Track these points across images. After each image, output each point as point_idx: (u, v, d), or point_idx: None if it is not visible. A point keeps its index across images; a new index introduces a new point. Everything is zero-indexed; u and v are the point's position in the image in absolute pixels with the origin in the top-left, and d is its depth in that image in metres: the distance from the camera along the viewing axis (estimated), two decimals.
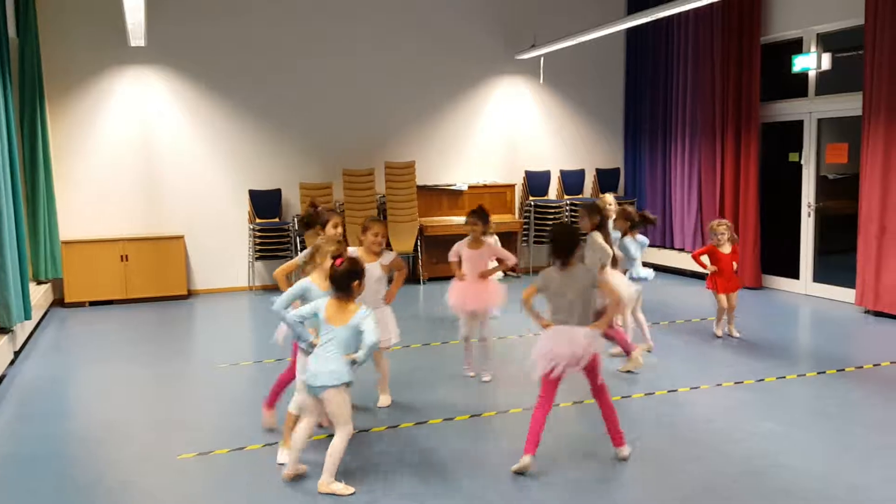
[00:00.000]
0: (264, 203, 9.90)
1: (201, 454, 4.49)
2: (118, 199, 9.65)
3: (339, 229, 5.06)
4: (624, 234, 6.46)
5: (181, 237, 9.69)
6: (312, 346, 4.00)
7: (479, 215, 5.82)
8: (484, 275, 5.80)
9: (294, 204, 10.09)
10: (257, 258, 9.90)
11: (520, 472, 4.06)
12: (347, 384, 3.90)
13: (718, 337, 6.99)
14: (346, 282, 3.94)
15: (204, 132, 9.97)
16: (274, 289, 5.06)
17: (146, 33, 8.46)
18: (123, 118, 9.65)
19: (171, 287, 9.55)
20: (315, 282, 4.25)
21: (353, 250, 5.10)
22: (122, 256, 9.30)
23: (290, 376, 4.62)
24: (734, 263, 6.98)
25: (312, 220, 5.12)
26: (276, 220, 10.00)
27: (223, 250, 10.02)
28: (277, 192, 10.12)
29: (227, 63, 9.94)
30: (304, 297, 4.21)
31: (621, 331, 6.11)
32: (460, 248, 5.82)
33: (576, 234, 4.29)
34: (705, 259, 7.07)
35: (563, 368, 4.06)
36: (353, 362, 3.90)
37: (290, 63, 10.17)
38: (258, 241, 9.77)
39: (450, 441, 4.62)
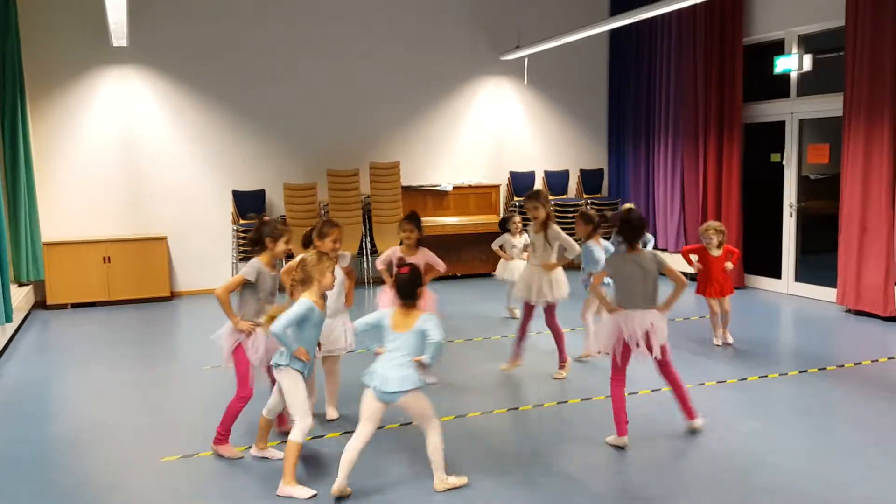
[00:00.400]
0: (248, 204, 9.84)
1: (185, 457, 4.47)
2: (100, 200, 9.59)
3: (338, 244, 4.78)
4: (587, 239, 6.30)
5: (164, 238, 9.63)
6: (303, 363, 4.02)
7: (415, 221, 5.56)
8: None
9: (278, 205, 10.05)
10: (241, 259, 9.84)
11: (619, 447, 4.41)
12: (420, 387, 3.90)
13: (718, 346, 6.70)
14: (412, 289, 3.97)
15: (187, 133, 9.92)
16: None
17: (129, 33, 8.40)
18: (106, 118, 9.58)
19: (154, 288, 9.50)
20: (314, 301, 4.03)
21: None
22: (104, 258, 9.23)
23: (240, 405, 4.44)
24: (729, 265, 6.67)
25: (263, 235, 4.55)
26: None
27: (206, 251, 9.97)
28: (261, 193, 10.08)
29: (210, 63, 9.89)
30: (305, 319, 3.99)
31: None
32: (393, 256, 5.52)
33: (643, 220, 4.60)
34: (694, 257, 6.88)
35: (632, 349, 4.39)
36: (421, 365, 3.89)
37: (273, 63, 10.13)
38: (242, 242, 9.72)
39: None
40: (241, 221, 9.80)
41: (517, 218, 7.58)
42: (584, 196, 11.65)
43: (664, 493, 3.89)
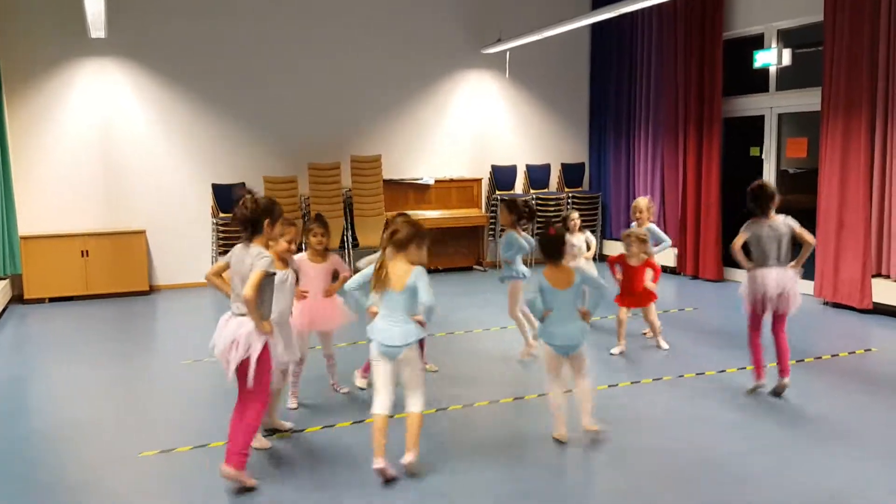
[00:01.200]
0: (228, 197, 9.74)
1: (163, 451, 4.44)
2: (78, 194, 9.48)
3: (293, 245, 4.60)
4: (511, 228, 6.22)
5: (143, 232, 9.55)
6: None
7: (324, 223, 5.08)
8: (330, 291, 5.07)
9: None
10: (220, 253, 9.76)
11: (760, 390, 5.18)
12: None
13: (613, 354, 6.31)
14: (558, 247, 4.47)
15: (166, 125, 9.83)
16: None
17: (107, 25, 8.30)
18: (84, 111, 9.47)
19: (132, 283, 9.42)
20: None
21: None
22: (82, 252, 9.14)
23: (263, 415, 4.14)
24: (649, 283, 6.34)
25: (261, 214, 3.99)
26: None
27: (186, 245, 9.90)
28: (241, 187, 9.98)
29: (190, 55, 9.80)
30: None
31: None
32: (301, 263, 4.95)
33: (773, 190, 5.13)
34: (619, 268, 6.48)
35: (770, 303, 4.99)
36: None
37: (254, 56, 10.05)
38: (221, 235, 9.66)
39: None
40: (221, 215, 9.73)
41: (575, 215, 7.36)
42: (566, 190, 11.68)
43: (638, 484, 3.91)
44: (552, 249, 4.45)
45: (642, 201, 6.94)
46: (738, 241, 5.13)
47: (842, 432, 4.55)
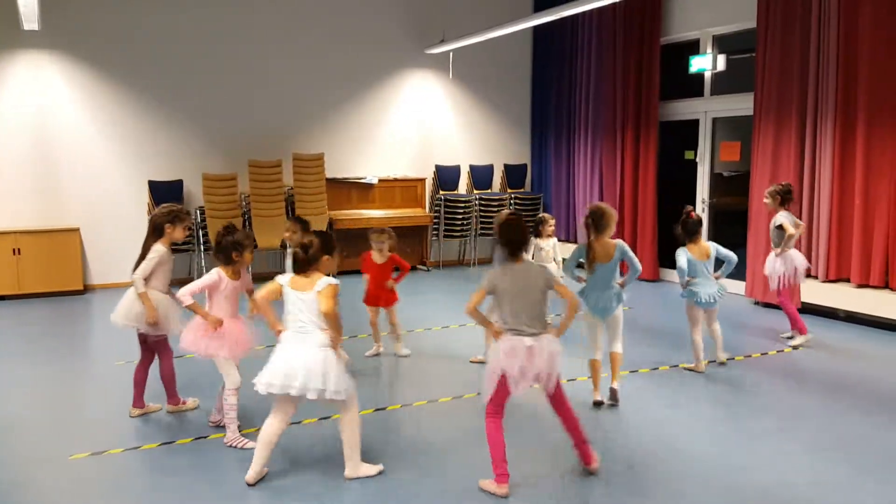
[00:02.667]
0: (165, 194, 9.54)
1: (95, 454, 4.34)
2: (10, 191, 9.20)
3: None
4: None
5: (77, 230, 9.31)
6: None
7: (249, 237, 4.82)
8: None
9: (197, 195, 9.81)
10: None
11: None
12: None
13: (368, 356, 6.34)
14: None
15: (101, 120, 9.60)
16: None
17: (40, 17, 8.07)
18: (15, 105, 9.19)
19: (66, 282, 9.18)
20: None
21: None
22: (14, 250, 8.87)
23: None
24: (390, 282, 6.22)
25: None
26: None
27: (121, 243, 9.59)
28: (179, 184, 9.84)
29: (126, 49, 9.59)
30: None
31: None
32: (222, 280, 4.43)
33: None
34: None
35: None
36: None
37: (193, 50, 9.89)
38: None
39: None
40: None
41: (552, 221, 7.37)
42: (509, 190, 11.78)
43: (575, 482, 3.97)
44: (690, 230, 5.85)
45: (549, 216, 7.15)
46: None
47: (772, 427, 4.70)
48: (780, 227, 6.57)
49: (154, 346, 4.89)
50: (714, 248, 5.97)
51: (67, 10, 9.22)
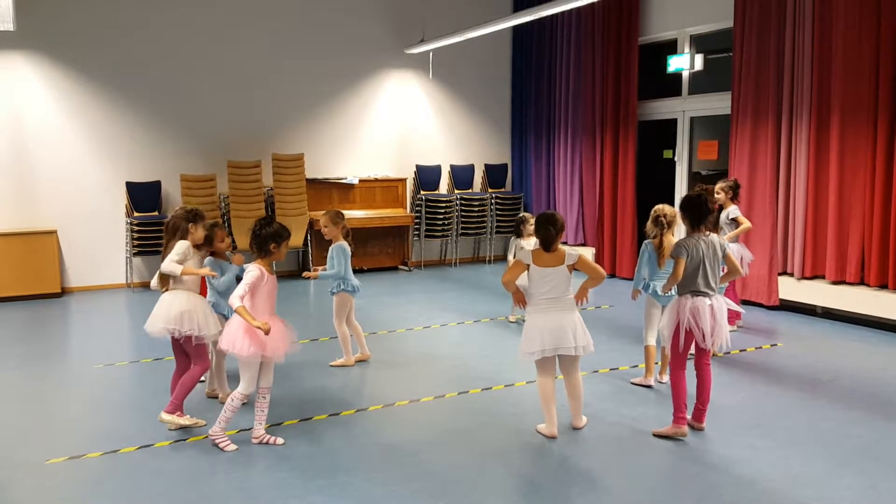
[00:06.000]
0: (143, 196, 9.52)
1: (72, 458, 4.30)
2: None
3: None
4: (340, 240, 5.95)
5: (54, 232, 9.21)
6: None
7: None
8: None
9: (175, 197, 9.73)
10: (136, 254, 9.51)
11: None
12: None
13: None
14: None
15: (79, 122, 9.50)
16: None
17: (15, 17, 7.99)
18: None
19: (43, 285, 9.07)
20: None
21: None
22: None
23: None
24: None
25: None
26: (156, 213, 9.62)
27: (99, 246, 9.59)
28: (157, 185, 9.75)
29: (104, 49, 9.50)
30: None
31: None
32: (264, 275, 4.35)
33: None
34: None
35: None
36: None
37: (171, 50, 9.82)
38: (136, 235, 9.39)
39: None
40: (136, 214, 9.47)
41: (532, 220, 7.39)
42: (490, 190, 11.80)
43: (549, 475, 3.99)
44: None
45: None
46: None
47: (747, 424, 4.73)
48: (735, 220, 6.76)
49: (193, 351, 4.64)
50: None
51: (42, 10, 9.12)
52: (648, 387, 5.47)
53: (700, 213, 4.55)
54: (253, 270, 4.27)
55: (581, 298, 4.47)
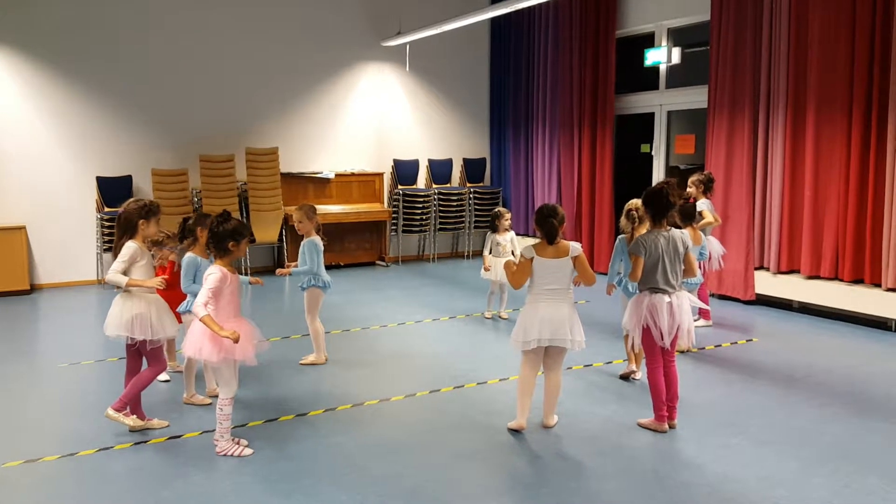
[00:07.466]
0: (113, 190, 9.33)
1: (28, 461, 4.17)
2: None
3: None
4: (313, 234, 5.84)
5: (22, 227, 9.02)
6: None
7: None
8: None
9: (146, 191, 9.54)
10: (106, 250, 9.32)
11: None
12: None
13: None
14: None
15: (47, 115, 9.29)
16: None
17: None
18: None
19: (11, 281, 8.88)
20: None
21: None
22: None
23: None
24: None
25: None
26: None
27: (69, 241, 9.41)
28: (128, 179, 9.57)
29: (73, 42, 9.29)
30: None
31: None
32: (226, 276, 4.15)
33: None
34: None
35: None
36: None
37: (141, 42, 9.63)
38: (107, 231, 9.21)
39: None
40: (106, 209, 9.29)
41: (508, 215, 7.29)
42: (468, 185, 11.71)
43: (528, 472, 3.91)
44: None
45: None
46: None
47: (720, 421, 4.68)
48: (700, 214, 6.71)
49: (148, 354, 4.48)
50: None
51: (12, 2, 8.91)
52: (632, 378, 5.50)
53: (661, 207, 4.49)
54: (214, 272, 4.07)
55: None
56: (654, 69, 9.35)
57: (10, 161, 9.13)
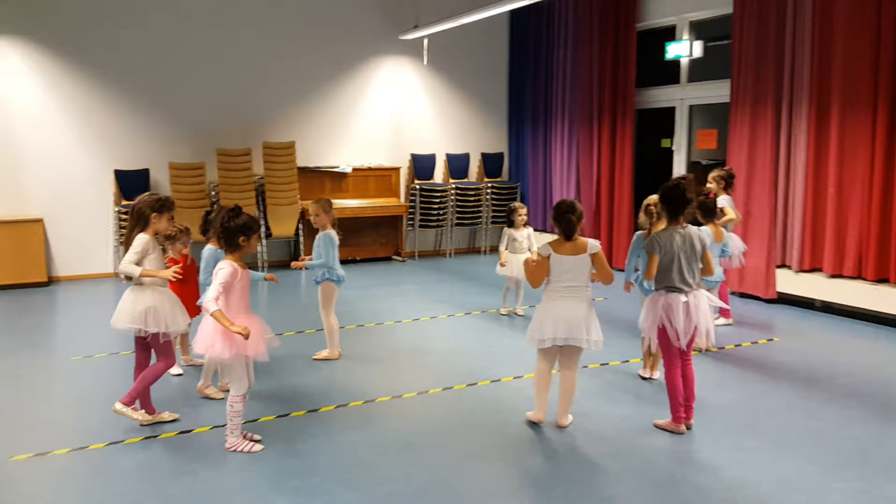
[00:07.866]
0: (131, 184, 9.34)
1: (38, 455, 4.16)
2: None
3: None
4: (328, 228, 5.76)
5: (40, 220, 9.07)
6: None
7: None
8: None
9: (163, 185, 9.55)
10: (122, 243, 9.32)
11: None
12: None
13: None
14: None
15: (66, 109, 9.32)
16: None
17: (1, 2, 7.80)
18: None
19: (29, 274, 8.93)
20: None
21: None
22: None
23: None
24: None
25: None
26: None
27: (86, 234, 9.44)
28: (145, 173, 9.58)
29: (92, 35, 9.31)
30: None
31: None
32: (237, 271, 4.11)
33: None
34: None
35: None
36: None
37: (160, 36, 9.63)
38: (124, 224, 9.13)
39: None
40: (124, 202, 9.31)
41: (523, 210, 7.24)
42: (486, 179, 11.62)
43: (542, 471, 3.84)
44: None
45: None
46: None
47: (738, 423, 4.58)
48: (722, 211, 6.60)
49: (158, 348, 4.46)
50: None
51: None
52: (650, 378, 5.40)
53: (677, 204, 4.38)
54: (224, 268, 4.03)
55: None
56: (675, 63, 9.20)
57: (29, 154, 9.17)
